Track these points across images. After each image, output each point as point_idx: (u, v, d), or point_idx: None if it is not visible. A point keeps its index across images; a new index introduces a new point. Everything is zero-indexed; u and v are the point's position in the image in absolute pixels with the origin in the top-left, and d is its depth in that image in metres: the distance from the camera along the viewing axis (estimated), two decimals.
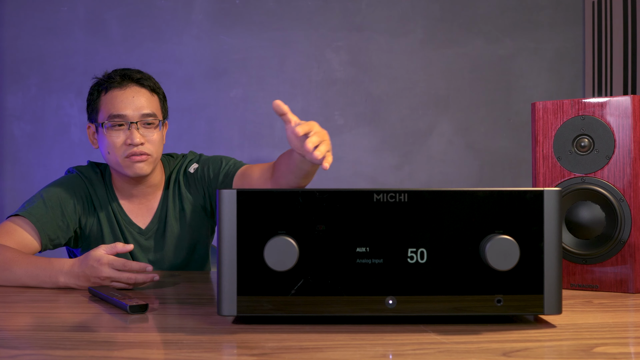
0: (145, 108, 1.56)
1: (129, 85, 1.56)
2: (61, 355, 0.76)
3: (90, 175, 1.63)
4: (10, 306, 1.10)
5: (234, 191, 0.90)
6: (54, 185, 1.59)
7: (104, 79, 1.58)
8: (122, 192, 1.64)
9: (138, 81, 1.58)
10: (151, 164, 1.57)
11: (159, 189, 1.67)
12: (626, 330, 0.91)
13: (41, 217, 1.50)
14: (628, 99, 1.20)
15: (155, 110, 1.58)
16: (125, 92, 1.55)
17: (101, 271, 1.22)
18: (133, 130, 1.52)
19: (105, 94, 1.56)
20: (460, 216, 0.90)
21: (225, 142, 2.71)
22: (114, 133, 1.54)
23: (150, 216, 1.65)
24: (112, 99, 1.54)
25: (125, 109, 1.54)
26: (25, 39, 2.70)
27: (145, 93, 1.58)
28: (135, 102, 1.54)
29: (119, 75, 1.57)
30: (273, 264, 0.88)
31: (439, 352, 0.78)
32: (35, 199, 1.54)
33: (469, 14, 2.75)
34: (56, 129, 2.69)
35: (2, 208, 2.66)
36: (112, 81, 1.56)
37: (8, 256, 1.33)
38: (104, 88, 1.56)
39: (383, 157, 2.73)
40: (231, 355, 0.79)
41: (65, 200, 1.56)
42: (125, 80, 1.56)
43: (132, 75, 1.57)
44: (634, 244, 1.19)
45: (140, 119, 1.54)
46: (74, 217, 1.57)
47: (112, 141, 1.54)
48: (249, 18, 2.73)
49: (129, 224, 1.62)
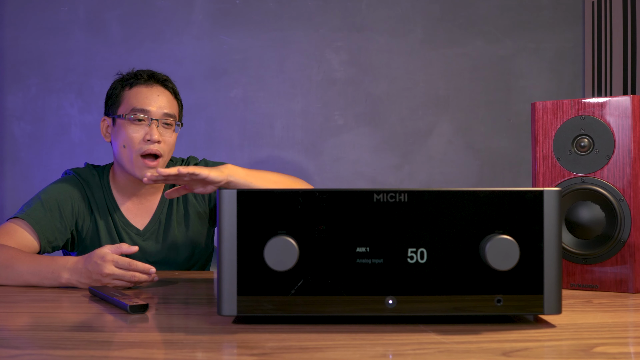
0: (167, 108, 1.59)
1: (155, 84, 1.61)
2: (61, 355, 0.76)
3: (87, 177, 1.64)
4: (11, 306, 1.10)
5: (234, 191, 0.90)
6: (52, 187, 1.59)
7: (130, 76, 1.62)
8: (121, 192, 1.64)
9: (163, 83, 1.62)
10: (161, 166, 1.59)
11: (159, 191, 1.67)
12: (626, 330, 0.91)
13: (40, 219, 1.50)
14: (628, 99, 1.20)
15: (175, 112, 1.63)
16: (152, 89, 1.59)
17: (104, 267, 1.22)
18: (153, 127, 1.55)
19: (130, 89, 1.59)
20: (460, 216, 0.90)
21: (225, 142, 2.71)
22: (134, 127, 1.56)
23: (149, 217, 1.65)
24: (138, 94, 1.58)
25: (150, 104, 1.57)
26: (25, 39, 2.70)
27: (169, 95, 1.62)
28: (159, 100, 1.58)
29: (146, 74, 1.62)
30: (273, 264, 0.88)
31: (439, 352, 0.78)
32: (33, 201, 1.54)
33: (469, 14, 2.75)
34: (56, 129, 2.69)
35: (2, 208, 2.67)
36: (139, 78, 1.61)
37: (10, 254, 1.33)
38: (129, 83, 1.60)
39: (383, 157, 2.73)
40: (231, 355, 0.79)
41: (63, 202, 1.56)
42: (152, 79, 1.61)
43: (159, 76, 1.63)
44: (634, 244, 1.19)
45: (161, 117, 1.57)
46: (71, 219, 1.58)
47: (131, 135, 1.55)
48: (249, 18, 2.73)
49: (126, 225, 1.62)
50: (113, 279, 1.23)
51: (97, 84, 2.70)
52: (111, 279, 1.23)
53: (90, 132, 2.69)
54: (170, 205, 1.66)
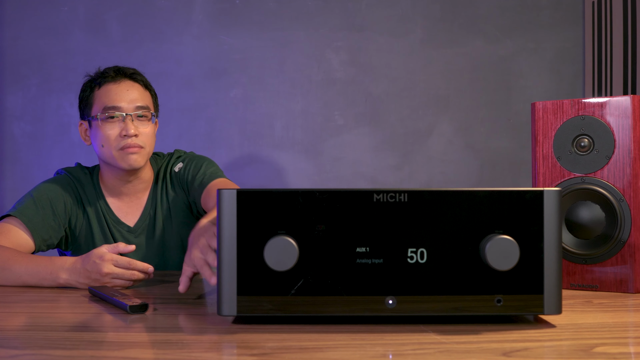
0: (139, 101, 1.59)
1: (123, 79, 1.60)
2: (61, 355, 0.76)
3: (79, 175, 1.64)
4: (10, 306, 1.10)
5: (234, 191, 0.90)
6: (43, 185, 1.59)
7: (97, 75, 1.61)
8: (110, 191, 1.64)
9: (131, 76, 1.61)
10: (144, 156, 1.58)
11: (148, 187, 1.68)
12: (626, 330, 0.91)
13: (32, 217, 1.50)
14: (628, 99, 1.20)
15: (148, 104, 1.61)
16: (120, 85, 1.58)
17: (103, 267, 1.22)
18: (127, 122, 1.55)
19: (99, 89, 1.59)
20: (460, 216, 0.90)
21: (225, 142, 2.71)
22: (109, 125, 1.56)
23: (139, 214, 1.65)
24: (107, 92, 1.57)
25: (120, 101, 1.56)
26: (25, 39, 2.70)
27: (139, 87, 1.61)
28: (129, 95, 1.57)
29: (112, 71, 1.61)
30: (273, 264, 0.88)
31: (439, 352, 0.78)
32: (25, 199, 1.54)
33: (469, 14, 2.75)
34: (56, 129, 2.69)
35: (2, 208, 2.66)
36: (105, 76, 1.59)
37: (7, 255, 1.33)
38: (97, 83, 1.59)
39: (383, 157, 2.73)
40: (231, 355, 0.79)
41: (55, 199, 1.56)
42: (119, 75, 1.60)
43: (126, 70, 1.62)
44: (634, 244, 1.19)
45: (134, 111, 1.57)
46: (64, 216, 1.58)
47: (107, 133, 1.55)
48: (249, 18, 2.73)
49: (117, 223, 1.63)
50: (112, 278, 1.23)
51: None
52: (110, 278, 1.23)
53: None
54: (157, 200, 1.66)
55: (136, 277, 1.24)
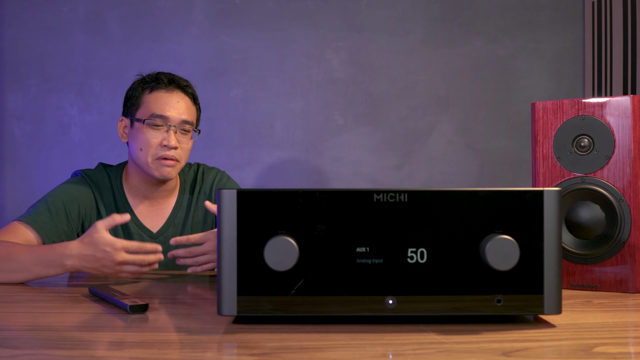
0: (186, 115, 1.60)
1: (175, 90, 1.60)
2: (61, 355, 0.76)
3: (97, 179, 1.64)
4: (10, 306, 1.10)
5: (234, 191, 0.90)
6: (59, 189, 1.59)
7: (150, 78, 1.61)
8: (134, 194, 1.64)
9: (184, 88, 1.62)
10: (178, 169, 1.60)
11: (174, 194, 1.68)
12: (626, 330, 0.91)
13: (45, 224, 1.50)
14: (628, 99, 1.20)
15: (193, 119, 1.63)
16: (172, 95, 1.59)
17: (117, 255, 1.23)
18: (171, 133, 1.56)
19: (150, 93, 1.59)
20: (460, 216, 0.90)
21: (225, 142, 2.71)
22: (152, 132, 1.56)
23: (163, 220, 1.65)
24: (158, 99, 1.57)
25: (169, 110, 1.57)
26: (25, 39, 2.70)
27: (188, 101, 1.62)
28: (178, 107, 1.58)
29: (167, 78, 1.60)
30: (273, 264, 0.88)
31: (439, 352, 0.78)
32: (40, 204, 1.54)
33: (469, 14, 2.75)
34: (56, 129, 2.69)
35: (3, 208, 2.66)
36: (159, 82, 1.59)
37: (12, 247, 1.34)
38: (149, 87, 1.59)
39: (383, 157, 2.73)
40: (231, 355, 0.79)
41: (69, 203, 1.56)
42: (172, 84, 1.60)
43: (179, 81, 1.62)
44: (634, 244, 1.19)
45: (179, 124, 1.57)
46: (77, 220, 1.58)
47: (148, 139, 1.56)
48: (249, 18, 2.73)
49: (139, 227, 1.63)
50: (125, 265, 1.24)
51: (97, 84, 2.70)
52: (123, 266, 1.24)
53: (90, 132, 2.69)
54: (188, 210, 1.66)
55: (147, 261, 1.25)
